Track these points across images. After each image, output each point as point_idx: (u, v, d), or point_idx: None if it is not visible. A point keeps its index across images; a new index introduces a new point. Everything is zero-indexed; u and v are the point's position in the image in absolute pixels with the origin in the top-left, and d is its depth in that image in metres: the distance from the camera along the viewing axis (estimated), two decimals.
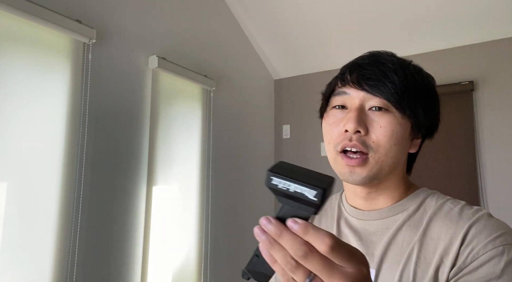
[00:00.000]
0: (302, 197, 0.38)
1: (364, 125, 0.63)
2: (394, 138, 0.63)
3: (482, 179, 2.52)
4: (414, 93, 0.64)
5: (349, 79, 0.66)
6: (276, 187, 0.40)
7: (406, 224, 0.65)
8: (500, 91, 2.55)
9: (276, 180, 0.40)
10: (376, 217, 0.69)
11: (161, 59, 2.19)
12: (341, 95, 0.67)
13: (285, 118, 3.34)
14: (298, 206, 0.40)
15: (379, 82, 0.63)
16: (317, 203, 0.38)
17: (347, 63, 0.71)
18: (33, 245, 1.58)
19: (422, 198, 0.68)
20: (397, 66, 0.65)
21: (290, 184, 0.39)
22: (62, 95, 1.75)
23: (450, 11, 2.49)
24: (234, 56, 2.96)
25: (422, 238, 0.62)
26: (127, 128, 2.04)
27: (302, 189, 0.38)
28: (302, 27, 2.91)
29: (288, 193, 0.39)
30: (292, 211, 0.40)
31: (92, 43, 1.86)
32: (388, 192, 0.69)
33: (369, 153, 0.63)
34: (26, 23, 1.62)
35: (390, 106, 0.63)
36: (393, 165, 0.65)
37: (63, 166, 1.72)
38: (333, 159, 0.68)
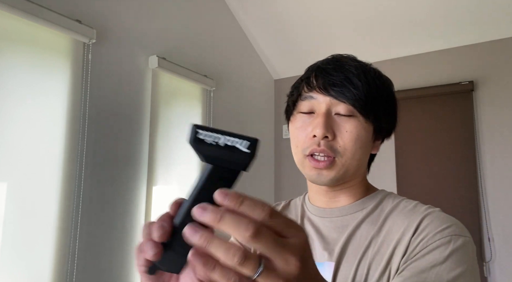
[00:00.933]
0: (233, 150, 0.36)
1: (331, 130, 0.66)
2: (359, 142, 0.66)
3: (482, 179, 2.51)
4: (377, 98, 0.67)
5: (315, 84, 0.69)
6: (202, 142, 0.36)
7: (365, 221, 0.68)
8: (500, 91, 2.55)
9: (203, 134, 0.36)
10: (337, 214, 0.72)
11: (161, 59, 2.19)
12: (308, 100, 0.69)
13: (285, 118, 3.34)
14: (228, 162, 0.36)
15: (344, 88, 0.66)
16: (250, 154, 0.36)
17: (311, 65, 0.73)
18: (33, 245, 1.58)
19: (380, 197, 0.71)
20: (360, 72, 0.67)
21: (219, 137, 0.36)
22: (62, 95, 1.75)
23: (450, 11, 2.49)
24: (234, 56, 2.96)
25: (378, 233, 0.65)
26: (127, 128, 2.04)
27: (233, 140, 0.36)
28: (302, 27, 2.91)
29: (216, 148, 0.36)
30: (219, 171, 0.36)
31: (92, 43, 1.86)
32: (350, 191, 0.72)
33: (336, 157, 0.66)
34: (26, 23, 1.62)
35: (355, 111, 0.66)
36: (357, 167, 0.69)
37: (63, 166, 1.72)
38: (300, 161, 0.70)
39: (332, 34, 2.87)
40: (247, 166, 0.37)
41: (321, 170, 0.67)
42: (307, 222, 0.75)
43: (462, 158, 2.58)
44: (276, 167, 3.29)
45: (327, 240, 0.69)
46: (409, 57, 2.78)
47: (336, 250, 0.67)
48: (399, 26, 2.66)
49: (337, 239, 0.68)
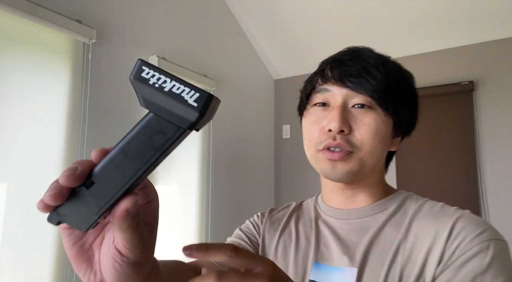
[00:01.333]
0: (178, 100, 0.30)
1: (347, 124, 0.62)
2: (378, 136, 0.62)
3: (482, 179, 2.52)
4: (396, 91, 0.63)
5: (330, 76, 0.64)
6: (145, 82, 0.30)
7: (388, 223, 0.64)
8: (500, 91, 2.55)
9: (148, 72, 0.30)
10: (355, 215, 0.67)
11: (161, 59, 2.19)
12: (322, 93, 0.65)
13: (285, 118, 3.34)
14: (170, 113, 0.30)
15: (361, 78, 0.61)
16: (197, 109, 0.30)
17: (326, 58, 0.69)
18: (33, 245, 1.58)
19: (401, 199, 0.67)
20: (378, 62, 0.63)
21: (166, 80, 0.30)
22: (62, 95, 1.75)
23: (450, 11, 2.49)
24: (234, 56, 2.96)
25: (406, 236, 0.61)
26: (127, 129, 2.02)
27: (180, 88, 0.30)
28: (302, 27, 2.91)
29: (160, 93, 0.30)
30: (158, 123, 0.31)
31: (92, 43, 1.86)
32: (368, 190, 0.67)
33: (354, 151, 0.62)
34: (26, 23, 1.62)
35: (373, 103, 0.62)
36: (375, 163, 0.64)
37: (63, 166, 1.72)
38: (313, 156, 0.66)
39: (332, 35, 2.88)
40: (193, 124, 0.30)
41: (336, 161, 0.62)
42: (322, 224, 0.70)
43: (462, 157, 2.58)
44: (276, 167, 3.29)
45: (346, 243, 0.64)
46: (409, 57, 2.78)
47: (357, 254, 0.62)
48: (399, 26, 2.66)
49: (357, 243, 0.63)
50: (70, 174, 0.31)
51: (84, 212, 0.32)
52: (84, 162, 0.33)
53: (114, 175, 0.31)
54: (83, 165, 0.32)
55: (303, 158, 2.85)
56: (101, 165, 0.32)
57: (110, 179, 0.31)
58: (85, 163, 0.32)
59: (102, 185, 0.32)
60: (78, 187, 0.32)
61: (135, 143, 0.31)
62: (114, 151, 0.32)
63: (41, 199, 0.33)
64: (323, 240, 0.67)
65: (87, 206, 0.31)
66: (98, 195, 0.31)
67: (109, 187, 0.31)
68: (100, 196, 0.31)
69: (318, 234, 0.69)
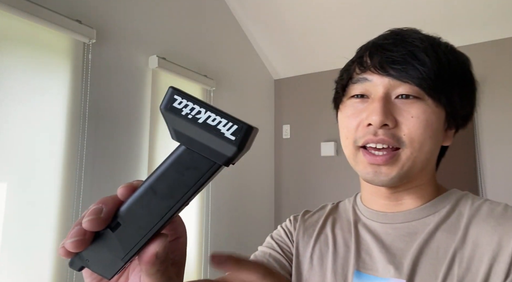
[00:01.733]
0: (214, 133, 0.27)
1: (391, 116, 0.53)
2: (430, 130, 0.53)
3: (482, 179, 2.52)
4: (449, 77, 0.54)
5: (370, 63, 0.56)
6: (177, 112, 0.27)
7: (440, 228, 0.55)
8: (500, 91, 2.55)
9: (181, 101, 0.27)
10: (401, 219, 0.58)
11: (161, 59, 2.19)
12: (361, 83, 0.57)
13: (285, 118, 3.34)
14: (204, 147, 0.27)
15: (407, 65, 0.53)
16: (235, 144, 0.26)
17: (365, 43, 0.62)
18: (33, 245, 1.58)
19: (455, 198, 0.59)
20: (427, 45, 0.54)
21: (200, 110, 0.27)
22: (62, 95, 1.75)
23: (450, 11, 2.49)
24: (234, 56, 2.96)
25: (462, 244, 0.52)
26: (127, 128, 2.04)
27: (217, 120, 0.27)
28: (302, 27, 2.91)
29: (193, 124, 0.27)
30: (191, 157, 0.27)
31: (92, 43, 1.86)
32: (417, 191, 0.59)
33: (401, 148, 0.53)
34: (26, 23, 1.62)
35: (422, 93, 0.53)
36: (426, 161, 0.55)
37: (63, 166, 1.72)
38: (352, 156, 0.58)
39: (332, 35, 2.88)
40: (229, 160, 0.28)
41: (379, 166, 0.54)
42: (362, 228, 0.62)
43: (462, 157, 2.58)
44: (276, 167, 3.29)
45: (392, 251, 0.56)
46: None
47: (405, 264, 0.54)
48: (398, 26, 2.66)
49: (404, 250, 0.55)
50: (94, 218, 0.28)
51: (109, 257, 0.28)
52: (109, 201, 0.29)
53: (142, 215, 0.28)
54: (108, 205, 0.29)
55: (303, 158, 2.88)
56: (128, 204, 0.29)
57: (138, 221, 0.28)
58: (110, 202, 0.29)
59: (129, 227, 0.28)
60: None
61: (165, 179, 0.28)
62: (142, 189, 0.29)
63: (62, 244, 0.29)
64: (364, 247, 0.60)
65: (112, 251, 0.28)
66: (125, 238, 0.28)
67: (136, 230, 0.28)
68: (127, 240, 0.28)
69: (358, 240, 0.61)
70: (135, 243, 0.28)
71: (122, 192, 0.30)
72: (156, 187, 0.28)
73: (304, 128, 3.21)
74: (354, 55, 0.61)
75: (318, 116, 3.08)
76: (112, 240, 0.28)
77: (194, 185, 0.28)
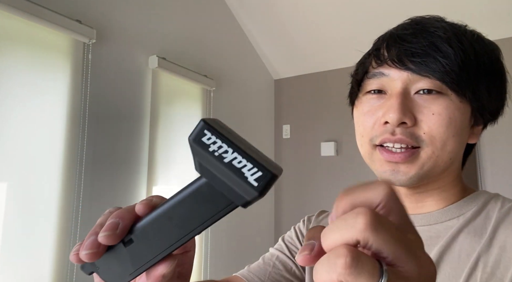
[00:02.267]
0: (237, 174, 0.26)
1: (410, 114, 0.49)
2: (453, 127, 0.49)
3: (482, 178, 2.52)
4: (475, 69, 0.49)
5: (387, 56, 0.52)
6: (205, 146, 0.27)
7: (464, 231, 0.51)
8: None
9: (210, 137, 0.27)
10: (422, 222, 0.54)
11: (161, 59, 2.19)
12: (377, 78, 0.53)
13: (285, 118, 3.34)
14: (225, 186, 0.27)
15: (428, 57, 0.48)
16: (258, 190, 0.26)
17: (383, 34, 0.58)
18: (33, 245, 1.58)
19: (483, 200, 0.54)
20: (450, 35, 0.50)
21: (228, 150, 0.26)
22: (62, 95, 1.75)
23: (450, 11, 2.49)
24: (234, 56, 2.96)
25: (488, 248, 0.48)
26: (127, 128, 2.04)
27: (243, 163, 0.26)
28: (302, 27, 2.91)
29: (218, 162, 0.26)
30: (211, 192, 0.27)
31: (92, 43, 1.86)
32: (439, 193, 0.54)
33: (421, 147, 0.49)
34: (26, 23, 1.62)
35: (444, 88, 0.49)
36: (450, 161, 0.51)
37: (63, 166, 1.72)
38: (368, 154, 0.54)
39: (332, 35, 2.88)
40: (248, 203, 0.27)
41: (398, 164, 0.50)
42: None
43: None
44: None
45: None
46: None
47: None
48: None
49: None
50: (110, 235, 0.28)
51: (118, 270, 0.30)
52: (126, 216, 0.29)
53: (155, 238, 0.29)
54: (125, 221, 0.29)
55: (303, 158, 2.88)
56: (143, 224, 0.29)
57: (150, 242, 0.29)
58: (127, 217, 0.29)
59: (141, 246, 0.29)
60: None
61: (182, 208, 0.28)
62: (159, 211, 0.29)
63: (76, 251, 0.30)
64: None
65: (122, 264, 0.29)
66: (135, 256, 0.29)
67: (148, 250, 0.29)
68: (137, 257, 0.29)
69: None
70: (145, 262, 0.29)
71: (141, 209, 0.30)
72: (172, 214, 0.29)
73: (304, 128, 3.21)
74: (371, 47, 0.57)
75: (318, 116, 3.08)
76: (123, 254, 0.29)
77: (208, 220, 0.29)
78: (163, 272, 0.29)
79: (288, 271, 0.63)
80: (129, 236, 0.29)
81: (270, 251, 0.69)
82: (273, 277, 0.62)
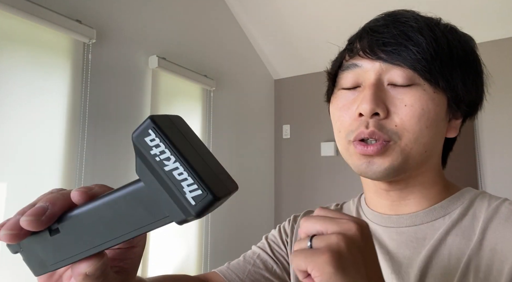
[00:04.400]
0: (176, 187, 0.23)
1: (383, 105, 0.48)
2: (426, 119, 0.48)
3: (482, 178, 2.52)
4: (449, 58, 0.49)
5: (359, 47, 0.51)
6: (147, 148, 0.22)
7: (452, 233, 0.49)
8: (500, 91, 2.55)
9: (153, 139, 0.23)
10: (407, 223, 0.52)
11: (161, 59, 2.19)
12: (350, 70, 0.52)
13: (285, 118, 3.34)
14: (162, 198, 0.23)
15: (399, 46, 0.48)
16: (194, 210, 0.23)
17: (357, 31, 0.57)
18: None
19: (469, 199, 0.53)
20: (422, 25, 0.50)
21: (170, 157, 0.23)
22: (62, 95, 1.75)
23: (449, 11, 2.49)
24: (234, 56, 2.96)
25: (479, 250, 0.46)
26: (127, 128, 2.04)
27: (184, 175, 0.23)
28: (302, 27, 2.91)
29: (159, 168, 0.23)
30: (146, 199, 0.24)
31: (92, 43, 1.86)
32: (421, 190, 0.53)
33: (392, 140, 0.48)
34: (26, 23, 1.62)
35: (417, 77, 0.48)
36: (425, 154, 0.50)
37: (63, 166, 1.72)
38: (345, 149, 0.53)
39: (332, 35, 2.88)
40: (184, 221, 0.24)
41: (372, 157, 0.48)
42: None
43: (462, 157, 2.58)
44: (276, 167, 3.29)
45: (397, 258, 0.51)
46: None
47: (412, 274, 0.48)
48: None
49: (411, 258, 0.50)
50: (33, 220, 0.26)
51: (40, 257, 0.27)
52: (58, 203, 0.27)
53: (82, 234, 0.26)
54: (55, 207, 0.27)
55: (303, 158, 2.89)
56: (74, 215, 0.26)
57: (76, 237, 0.26)
58: (59, 204, 0.27)
59: (65, 239, 0.26)
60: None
61: (114, 209, 0.25)
62: (91, 207, 0.26)
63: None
64: None
65: (44, 253, 0.26)
66: (59, 247, 0.26)
67: (72, 245, 0.26)
68: (60, 250, 0.26)
69: None
70: (67, 257, 0.26)
71: (76, 197, 0.28)
72: (104, 214, 0.25)
73: (304, 128, 3.21)
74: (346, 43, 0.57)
75: (318, 116, 3.08)
76: (47, 243, 0.26)
77: (140, 228, 0.25)
78: (85, 271, 0.27)
79: (268, 270, 0.63)
80: (56, 225, 0.26)
81: (252, 248, 0.68)
82: (252, 275, 0.62)
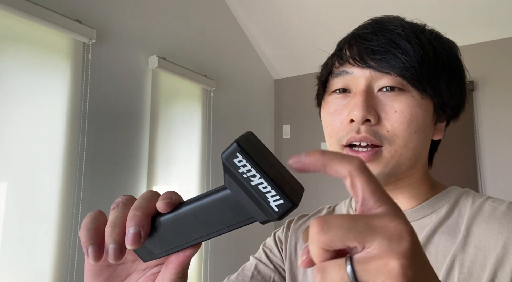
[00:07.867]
0: (261, 198, 0.29)
1: (374, 111, 0.50)
2: (414, 124, 0.50)
3: (482, 178, 2.52)
4: (435, 66, 0.51)
5: (348, 55, 0.53)
6: (235, 167, 0.29)
7: (439, 231, 0.51)
8: (500, 91, 2.55)
9: (241, 160, 0.29)
10: None
11: (161, 59, 2.19)
12: (341, 76, 0.54)
13: (285, 118, 3.34)
14: (248, 204, 0.30)
15: (388, 54, 0.50)
16: (277, 215, 0.29)
17: (346, 35, 0.59)
18: (33, 245, 1.58)
19: (454, 197, 0.54)
20: (409, 33, 0.51)
21: (256, 175, 0.29)
22: (62, 95, 1.75)
23: (449, 11, 2.49)
24: (234, 56, 2.96)
25: (463, 247, 0.48)
26: (127, 128, 2.04)
27: (267, 189, 0.29)
28: (302, 27, 2.91)
29: (245, 183, 0.29)
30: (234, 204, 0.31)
31: (92, 43, 1.86)
32: (409, 190, 0.55)
33: (383, 146, 0.50)
34: (26, 23, 1.62)
35: (405, 84, 0.50)
36: (414, 158, 0.52)
37: (63, 166, 1.72)
38: None
39: (332, 35, 2.87)
40: (267, 222, 0.31)
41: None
42: None
43: (462, 157, 2.58)
44: None
45: None
46: None
47: None
48: None
49: None
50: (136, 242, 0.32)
51: (148, 248, 0.35)
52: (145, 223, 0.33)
53: (182, 230, 0.34)
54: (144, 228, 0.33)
55: None
56: (172, 217, 0.34)
57: (177, 233, 0.34)
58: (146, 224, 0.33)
59: (168, 234, 0.34)
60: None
61: (207, 211, 0.32)
62: (187, 209, 0.33)
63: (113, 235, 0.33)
64: None
65: (152, 245, 0.35)
66: (163, 241, 0.34)
67: (174, 239, 0.34)
68: (165, 243, 0.34)
69: None
70: (171, 248, 0.35)
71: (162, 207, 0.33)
72: (198, 215, 0.33)
73: (304, 128, 3.21)
74: (335, 48, 0.59)
75: (318, 116, 3.08)
76: (153, 237, 0.34)
77: (228, 226, 0.33)
78: (191, 254, 0.35)
79: (266, 281, 0.63)
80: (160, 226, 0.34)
81: (250, 259, 0.69)
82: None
